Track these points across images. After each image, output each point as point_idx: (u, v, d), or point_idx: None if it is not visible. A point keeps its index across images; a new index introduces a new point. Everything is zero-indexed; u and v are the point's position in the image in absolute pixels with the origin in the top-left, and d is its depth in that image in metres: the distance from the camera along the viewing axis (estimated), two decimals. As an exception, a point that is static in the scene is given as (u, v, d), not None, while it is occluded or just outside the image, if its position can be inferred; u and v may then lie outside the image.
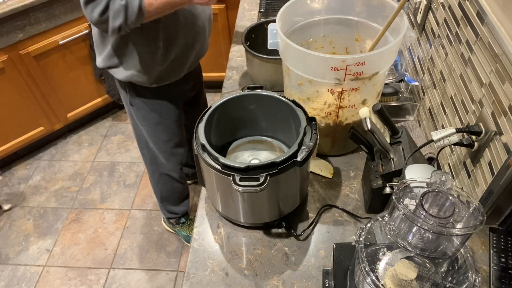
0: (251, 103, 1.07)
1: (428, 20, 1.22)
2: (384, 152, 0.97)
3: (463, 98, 0.98)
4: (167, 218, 2.03)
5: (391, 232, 0.66)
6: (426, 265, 0.68)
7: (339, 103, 1.03)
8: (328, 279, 0.86)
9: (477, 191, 0.90)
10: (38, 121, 2.44)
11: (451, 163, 1.05)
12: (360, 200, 1.08)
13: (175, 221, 2.00)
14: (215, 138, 1.04)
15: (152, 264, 2.03)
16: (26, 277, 2.00)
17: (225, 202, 0.99)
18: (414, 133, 1.17)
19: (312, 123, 0.95)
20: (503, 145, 0.80)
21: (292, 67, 1.02)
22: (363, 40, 1.19)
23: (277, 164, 0.85)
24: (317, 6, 1.16)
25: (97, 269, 2.02)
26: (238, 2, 2.04)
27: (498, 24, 0.82)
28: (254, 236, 1.01)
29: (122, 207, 2.29)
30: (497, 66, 0.82)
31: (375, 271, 0.68)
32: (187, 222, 2.02)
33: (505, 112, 0.80)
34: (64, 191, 2.40)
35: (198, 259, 0.97)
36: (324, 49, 1.26)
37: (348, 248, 0.86)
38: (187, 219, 2.02)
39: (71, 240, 2.15)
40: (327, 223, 1.03)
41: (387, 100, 1.28)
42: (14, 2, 1.99)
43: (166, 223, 2.09)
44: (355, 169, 1.16)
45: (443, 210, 0.63)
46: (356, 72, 0.94)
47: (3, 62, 2.10)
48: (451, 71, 1.04)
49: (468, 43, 0.95)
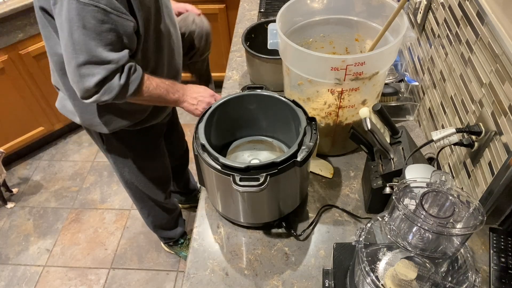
0: (251, 103, 1.07)
1: (428, 20, 1.22)
2: (384, 152, 0.97)
3: (463, 98, 0.98)
4: (164, 242, 2.01)
5: (391, 232, 0.66)
6: (426, 265, 0.68)
7: (339, 103, 1.03)
8: (328, 279, 0.85)
9: (477, 191, 0.90)
10: (38, 121, 2.44)
11: (451, 163, 1.05)
12: (360, 200, 1.08)
13: (173, 242, 1.97)
14: (215, 138, 1.04)
15: (152, 264, 2.03)
16: (26, 277, 2.00)
17: (225, 202, 0.99)
18: (414, 133, 1.17)
19: (312, 123, 0.95)
20: (503, 145, 0.80)
21: (292, 67, 1.02)
22: (363, 40, 1.19)
23: (277, 164, 0.85)
24: (317, 6, 1.16)
25: (97, 269, 2.02)
26: (238, 2, 2.05)
27: (498, 24, 0.82)
28: (254, 236, 1.01)
29: (122, 207, 2.29)
30: (497, 66, 0.82)
31: (375, 271, 0.68)
32: (186, 242, 1.98)
33: (505, 112, 0.80)
34: (64, 191, 2.40)
35: (198, 259, 0.97)
36: (324, 49, 1.26)
37: (348, 248, 0.86)
38: (186, 239, 1.98)
39: (71, 240, 2.15)
40: (327, 223, 1.03)
41: (387, 100, 1.28)
42: (14, 2, 1.99)
43: (165, 246, 2.05)
44: (355, 169, 1.16)
45: (443, 210, 0.63)
46: (356, 72, 0.94)
47: (3, 62, 2.10)
48: (451, 71, 1.04)
49: (468, 43, 0.95)
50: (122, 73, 1.01)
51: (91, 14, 0.91)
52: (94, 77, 0.97)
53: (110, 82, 0.99)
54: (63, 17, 0.92)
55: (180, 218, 1.90)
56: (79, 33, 0.92)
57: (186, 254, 1.99)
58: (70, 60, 0.96)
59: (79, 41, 0.93)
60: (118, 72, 1.00)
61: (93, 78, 0.97)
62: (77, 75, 0.97)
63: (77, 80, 0.98)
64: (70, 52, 0.95)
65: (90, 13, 0.90)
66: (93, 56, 0.95)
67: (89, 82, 0.97)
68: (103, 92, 1.00)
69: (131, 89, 1.03)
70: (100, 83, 0.98)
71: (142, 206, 1.68)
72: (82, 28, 0.92)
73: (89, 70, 0.96)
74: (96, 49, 0.95)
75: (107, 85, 1.00)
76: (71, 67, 0.97)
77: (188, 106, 1.16)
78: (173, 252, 2.04)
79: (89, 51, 0.94)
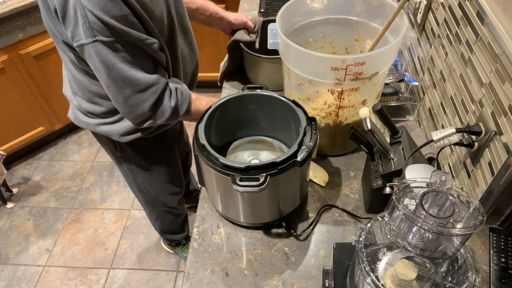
0: (251, 103, 1.07)
1: (428, 20, 1.22)
2: (384, 152, 0.97)
3: (463, 98, 0.98)
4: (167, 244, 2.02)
5: (391, 232, 0.66)
6: (426, 265, 0.68)
7: (339, 103, 1.03)
8: (328, 279, 0.86)
9: (477, 191, 0.90)
10: (38, 121, 2.44)
11: (451, 163, 1.05)
12: (360, 200, 1.08)
13: (175, 243, 1.98)
14: (215, 138, 1.04)
15: (152, 264, 2.03)
16: (26, 277, 2.00)
17: (225, 202, 0.99)
18: (414, 133, 1.17)
19: (312, 123, 0.95)
20: (503, 145, 0.80)
21: (292, 67, 1.02)
22: (363, 40, 1.19)
23: (277, 164, 0.85)
24: (317, 6, 1.16)
25: (97, 269, 2.02)
26: (238, 2, 2.04)
27: (498, 24, 0.82)
28: (254, 236, 1.01)
29: (122, 207, 2.29)
30: (497, 66, 0.82)
31: (375, 271, 0.68)
32: (188, 244, 1.98)
33: (505, 112, 0.80)
34: (64, 191, 2.40)
35: (198, 259, 0.97)
36: (324, 49, 1.26)
37: (348, 248, 0.86)
38: (188, 240, 1.98)
39: (71, 240, 2.15)
40: (327, 223, 1.03)
41: (387, 100, 1.28)
42: (14, 2, 1.99)
43: (166, 245, 2.05)
44: (355, 169, 1.16)
45: (443, 210, 0.63)
46: (356, 72, 0.94)
47: (3, 62, 2.10)
48: (451, 71, 1.04)
49: (468, 43, 0.95)
50: (171, 95, 1.04)
51: (119, 49, 0.92)
52: (146, 103, 1.01)
53: (162, 105, 1.03)
54: (95, 60, 0.93)
55: (186, 223, 1.90)
56: (115, 70, 0.94)
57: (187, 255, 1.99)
58: (117, 97, 1.00)
59: (119, 78, 0.95)
60: (166, 93, 1.03)
61: (144, 104, 1.01)
62: (128, 107, 1.01)
63: (129, 111, 1.02)
64: (114, 90, 0.98)
65: (118, 48, 0.92)
66: (136, 85, 0.97)
67: (142, 108, 1.01)
68: (157, 116, 1.04)
69: (182, 110, 1.07)
70: (153, 107, 1.02)
71: (152, 210, 1.67)
72: (117, 64, 0.93)
73: (138, 99, 1.00)
74: (135, 78, 0.96)
75: (160, 109, 1.03)
76: (119, 103, 1.01)
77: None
78: (173, 252, 2.04)
79: (130, 82, 0.97)
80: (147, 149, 1.34)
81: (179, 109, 1.07)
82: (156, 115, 1.05)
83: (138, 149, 1.33)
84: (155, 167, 1.43)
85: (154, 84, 1.00)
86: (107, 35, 0.88)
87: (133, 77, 0.96)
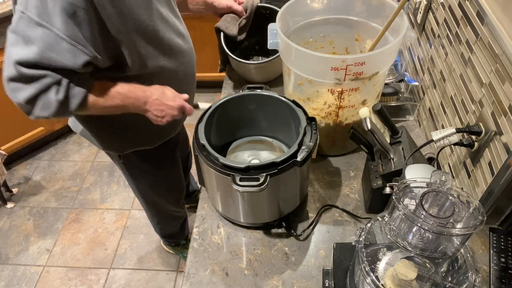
0: (251, 103, 1.07)
1: (428, 20, 1.22)
2: (384, 152, 0.97)
3: (463, 98, 0.98)
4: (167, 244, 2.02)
5: (391, 232, 0.66)
6: (426, 265, 0.68)
7: (339, 103, 1.03)
8: (328, 279, 0.86)
9: (477, 191, 0.90)
10: (38, 121, 2.43)
11: (451, 163, 1.05)
12: (360, 200, 1.08)
13: (175, 243, 1.98)
14: (215, 138, 1.04)
15: (152, 264, 2.03)
16: (26, 277, 2.00)
17: (225, 202, 0.99)
18: (414, 133, 1.17)
19: (312, 123, 0.95)
20: (503, 145, 0.80)
21: (292, 67, 1.02)
22: (363, 40, 1.19)
23: (277, 164, 0.85)
24: (317, 6, 1.16)
25: (97, 269, 2.02)
26: (238, 2, 2.04)
27: (498, 24, 0.82)
28: (254, 236, 1.01)
29: (122, 207, 2.29)
30: (497, 66, 0.82)
31: (375, 271, 0.68)
32: (187, 244, 1.98)
33: (505, 112, 0.80)
34: (64, 191, 2.40)
35: (198, 259, 0.97)
36: (324, 49, 1.26)
37: (348, 248, 0.86)
38: (188, 241, 1.98)
39: (71, 240, 2.15)
40: (327, 223, 1.03)
41: (387, 100, 1.28)
42: (14, 2, 1.99)
43: (166, 245, 2.05)
44: (355, 169, 1.16)
45: (443, 210, 0.63)
46: (356, 72, 0.94)
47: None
48: (451, 71, 1.04)
49: (468, 43, 0.95)
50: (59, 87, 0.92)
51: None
52: (24, 92, 0.91)
53: (45, 97, 0.91)
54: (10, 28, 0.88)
55: (186, 224, 1.90)
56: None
57: (187, 255, 1.99)
58: (3, 76, 0.94)
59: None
60: (54, 86, 0.92)
61: (23, 92, 0.91)
62: (9, 91, 0.94)
63: (10, 96, 0.95)
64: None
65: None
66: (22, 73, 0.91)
67: (21, 97, 0.92)
68: (40, 108, 0.93)
69: (74, 103, 0.94)
70: (32, 99, 0.92)
71: (153, 214, 1.69)
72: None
73: (16, 85, 0.92)
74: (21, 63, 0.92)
75: (42, 101, 0.92)
76: (4, 84, 0.95)
77: (152, 116, 1.07)
78: (173, 252, 2.05)
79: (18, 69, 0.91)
80: (150, 156, 1.34)
81: (66, 102, 0.93)
82: (36, 105, 0.93)
83: (140, 157, 1.33)
84: (157, 173, 1.43)
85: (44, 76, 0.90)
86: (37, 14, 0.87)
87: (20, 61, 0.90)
